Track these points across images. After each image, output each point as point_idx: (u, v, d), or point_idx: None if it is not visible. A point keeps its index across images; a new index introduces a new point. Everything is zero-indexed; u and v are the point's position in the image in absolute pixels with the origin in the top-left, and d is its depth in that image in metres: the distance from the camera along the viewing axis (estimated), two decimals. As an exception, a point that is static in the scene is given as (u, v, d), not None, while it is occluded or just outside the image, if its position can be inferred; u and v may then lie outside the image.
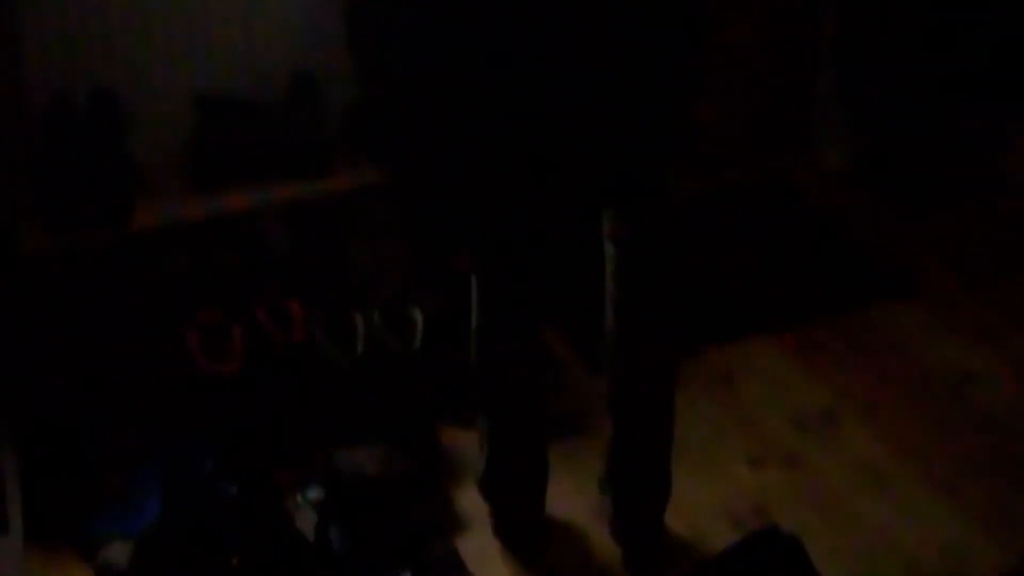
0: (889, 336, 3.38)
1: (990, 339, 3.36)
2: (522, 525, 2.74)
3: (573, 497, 2.81)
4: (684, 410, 2.98)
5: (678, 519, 2.75)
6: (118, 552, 2.51)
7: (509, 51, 2.21)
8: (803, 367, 3.24)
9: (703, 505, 2.82)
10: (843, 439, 3.01)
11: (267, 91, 3.23)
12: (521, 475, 2.70)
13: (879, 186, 4.03)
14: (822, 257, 3.71)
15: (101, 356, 2.95)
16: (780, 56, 4.08)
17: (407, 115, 2.47)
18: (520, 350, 2.60)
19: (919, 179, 4.00)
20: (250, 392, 2.86)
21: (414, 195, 2.90)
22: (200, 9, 3.17)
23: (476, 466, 2.77)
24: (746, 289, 3.53)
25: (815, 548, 2.52)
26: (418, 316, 3.04)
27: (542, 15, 2.18)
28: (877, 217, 3.89)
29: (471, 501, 2.79)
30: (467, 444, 2.91)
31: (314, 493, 2.67)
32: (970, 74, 3.85)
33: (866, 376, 3.22)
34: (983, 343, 3.34)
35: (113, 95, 3.03)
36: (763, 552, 2.52)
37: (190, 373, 2.85)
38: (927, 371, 3.24)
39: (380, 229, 3.35)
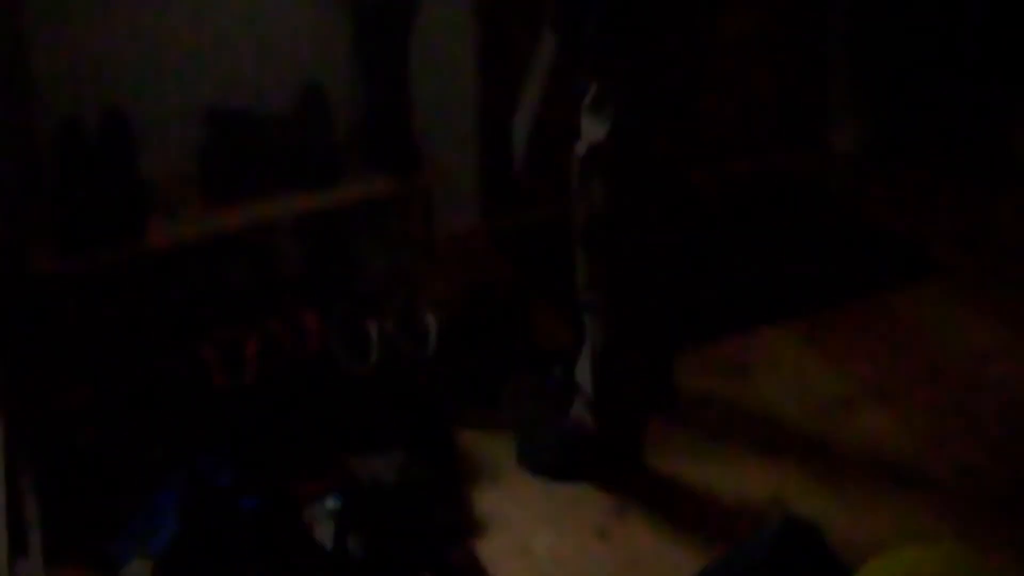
0: (904, 319, 3.36)
1: (1007, 318, 3.34)
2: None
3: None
4: (700, 402, 3.00)
5: (695, 511, 2.76)
6: (138, 571, 2.52)
7: None
8: (818, 354, 3.23)
9: (720, 496, 2.81)
10: (860, 426, 2.99)
11: (276, 103, 3.26)
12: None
13: (891, 168, 4.02)
14: (835, 242, 3.71)
15: (116, 374, 2.97)
16: (790, 42, 4.08)
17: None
18: None
19: (930, 160, 3.99)
20: (266, 404, 2.88)
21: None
22: (208, 23, 3.19)
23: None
24: (759, 278, 3.53)
25: (834, 536, 2.51)
26: (431, 322, 3.06)
27: None
28: (889, 199, 3.89)
29: (490, 504, 2.80)
30: (485, 446, 2.94)
31: (333, 503, 2.68)
32: (978, 55, 3.84)
33: (882, 361, 3.20)
34: (1000, 323, 3.32)
35: (123, 115, 3.05)
36: (782, 541, 2.51)
37: (206, 388, 2.87)
38: (944, 353, 3.22)
39: (391, 237, 3.38)
